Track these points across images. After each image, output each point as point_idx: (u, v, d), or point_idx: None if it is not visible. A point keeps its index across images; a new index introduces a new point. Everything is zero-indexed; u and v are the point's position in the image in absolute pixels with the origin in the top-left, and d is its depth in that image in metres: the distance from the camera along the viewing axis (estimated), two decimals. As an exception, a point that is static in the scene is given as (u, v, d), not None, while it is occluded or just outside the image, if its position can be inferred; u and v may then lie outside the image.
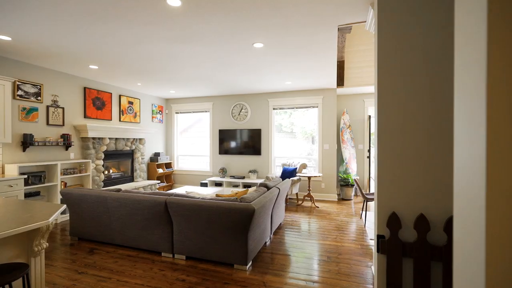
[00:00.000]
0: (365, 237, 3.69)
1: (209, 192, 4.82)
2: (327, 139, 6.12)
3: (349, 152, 6.26)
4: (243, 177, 6.48)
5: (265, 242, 3.46)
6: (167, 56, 3.86)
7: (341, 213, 4.94)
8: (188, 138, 7.55)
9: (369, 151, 6.21)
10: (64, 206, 2.02)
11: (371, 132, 6.43)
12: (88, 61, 4.12)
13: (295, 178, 5.48)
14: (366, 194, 4.36)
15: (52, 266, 2.83)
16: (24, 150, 4.14)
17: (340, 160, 6.55)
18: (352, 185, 6.03)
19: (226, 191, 6.28)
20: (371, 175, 6.38)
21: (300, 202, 5.81)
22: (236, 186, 6.49)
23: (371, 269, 2.77)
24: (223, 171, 6.73)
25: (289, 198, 6.21)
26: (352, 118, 6.64)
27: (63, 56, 3.90)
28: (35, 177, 4.09)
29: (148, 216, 3.03)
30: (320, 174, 5.40)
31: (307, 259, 3.03)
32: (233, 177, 6.51)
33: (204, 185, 6.54)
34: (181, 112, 7.47)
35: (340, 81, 5.72)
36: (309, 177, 5.43)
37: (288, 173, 5.82)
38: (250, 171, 6.45)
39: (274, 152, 6.58)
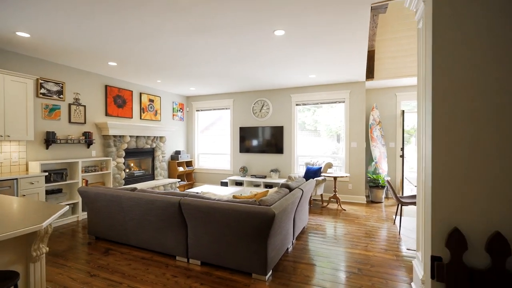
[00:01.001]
0: (400, 246, 3.26)
1: (226, 192, 4.60)
2: (354, 136, 5.66)
3: (379, 151, 5.75)
4: (265, 177, 6.20)
5: (287, 249, 3.16)
6: (185, 49, 3.68)
7: (371, 217, 4.50)
8: (209, 136, 7.42)
9: (402, 149, 5.66)
10: (66, 208, 1.88)
11: (405, 129, 5.86)
12: (107, 57, 4.07)
13: (319, 178, 5.11)
14: (401, 197, 3.90)
15: (66, 266, 2.76)
16: (47, 148, 4.19)
17: (369, 159, 6.05)
18: (383, 187, 5.52)
19: (246, 191, 6.06)
20: (404, 176, 5.82)
21: (325, 204, 5.43)
22: (257, 185, 6.23)
23: (411, 287, 2.37)
24: (244, 170, 6.51)
25: (313, 200, 5.84)
26: (382, 114, 6.11)
27: (82, 53, 3.86)
28: (57, 175, 4.12)
29: (162, 217, 2.86)
30: (347, 174, 4.98)
31: (334, 270, 2.69)
32: (254, 176, 6.26)
33: (224, 184, 6.36)
34: (201, 110, 7.35)
35: (370, 73, 5.24)
36: (335, 177, 5.04)
37: (312, 173, 5.46)
38: (272, 171, 6.16)
39: (297, 151, 6.23)
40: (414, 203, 3.59)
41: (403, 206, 4.81)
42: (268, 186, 5.98)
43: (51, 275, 2.59)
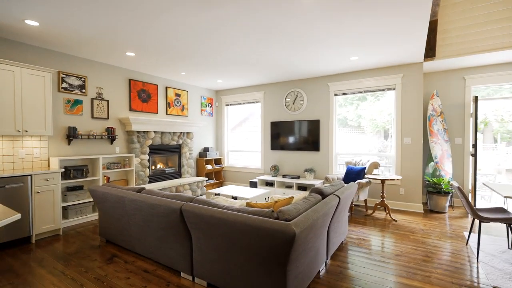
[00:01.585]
0: (480, 280, 2.34)
1: (251, 194, 4.03)
2: (408, 131, 4.64)
3: (440, 148, 4.64)
4: (298, 177, 5.50)
5: (318, 271, 2.47)
6: (204, 29, 3.20)
7: (432, 232, 3.53)
8: (240, 133, 6.94)
9: (474, 146, 4.47)
10: (18, 215, 1.49)
11: (478, 120, 4.63)
12: (124, 47, 3.79)
13: (363, 180, 4.25)
14: (478, 210, 2.91)
15: (63, 275, 2.46)
16: (69, 144, 4.09)
17: (428, 158, 4.95)
18: (446, 193, 4.42)
19: (278, 192, 5.44)
20: (482, 182, 4.61)
21: (370, 212, 4.54)
22: (289, 187, 5.57)
23: None
24: (275, 169, 5.89)
25: (355, 205, 4.97)
26: (445, 103, 4.95)
27: (96, 43, 3.63)
28: (77, 171, 3.99)
29: (163, 225, 2.41)
30: (399, 177, 4.04)
31: (384, 311, 1.94)
32: (286, 176, 5.60)
33: (253, 184, 5.82)
34: (231, 104, 6.91)
35: (431, 51, 4.20)
36: (382, 180, 4.13)
37: (353, 174, 4.61)
38: (306, 170, 5.43)
39: (336, 148, 5.40)
40: (500, 220, 2.60)
41: (481, 223, 3.72)
42: (302, 188, 5.27)
43: (45, 284, 2.31)
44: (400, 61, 4.44)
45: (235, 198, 3.94)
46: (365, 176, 4.36)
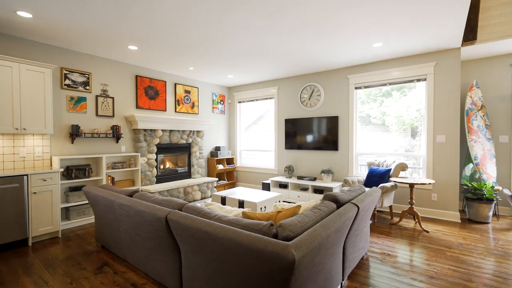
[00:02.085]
0: (546, 318, 1.79)
1: (261, 198, 3.65)
2: (441, 127, 4.03)
3: (481, 148, 3.99)
4: (314, 179, 5.05)
5: (332, 295, 2.05)
6: (207, 15, 2.88)
7: (473, 248, 2.96)
8: (254, 132, 6.58)
9: (525, 145, 3.78)
10: None
11: (529, 114, 3.92)
12: (125, 40, 3.58)
13: (387, 184, 3.73)
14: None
15: (46, 285, 2.25)
16: (72, 142, 3.96)
17: (465, 159, 4.30)
18: (490, 200, 3.77)
19: (292, 195, 5.02)
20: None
21: (396, 220, 3.99)
22: (304, 189, 5.13)
23: None
24: (289, 170, 5.47)
25: (378, 211, 4.43)
26: (487, 95, 4.26)
27: (97, 36, 3.44)
28: (79, 171, 3.85)
29: (151, 235, 2.11)
30: (431, 181, 3.48)
31: None
32: (301, 177, 5.16)
33: (265, 186, 5.45)
34: (244, 101, 6.57)
35: (471, 33, 3.59)
36: (411, 184, 3.59)
37: (376, 177, 4.09)
38: (323, 172, 4.96)
39: (357, 147, 4.88)
40: None
41: (531, 234, 3.08)
42: (318, 191, 4.81)
43: (24, 296, 2.10)
44: (433, 46, 3.85)
45: (241, 202, 3.59)
46: (390, 179, 3.83)
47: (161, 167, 5.26)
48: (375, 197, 2.57)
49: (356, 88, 4.82)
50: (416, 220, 3.82)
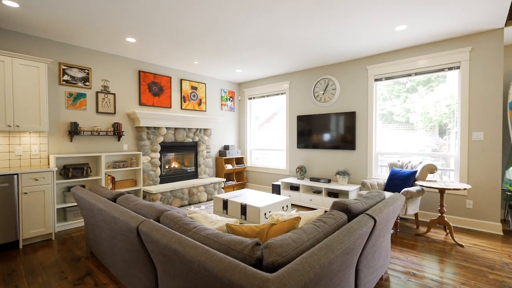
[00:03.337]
0: None
1: (266, 202, 3.28)
2: (479, 123, 3.45)
3: (530, 147, 3.36)
4: (329, 181, 4.60)
5: (341, 329, 1.65)
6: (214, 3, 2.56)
7: (523, 269, 2.41)
8: (267, 130, 6.22)
9: None
10: None
11: None
12: (122, 31, 3.35)
13: (413, 189, 3.23)
14: None
15: (17, 298, 2.03)
16: (71, 140, 3.81)
17: (508, 160, 3.67)
18: (540, 210, 3.15)
19: (304, 198, 4.60)
20: None
21: (422, 230, 3.47)
22: (317, 192, 4.69)
23: None
24: (302, 171, 5.05)
25: (401, 218, 3.91)
26: (536, 84, 3.61)
27: (91, 29, 3.24)
28: (77, 170, 3.68)
29: (127, 246, 1.82)
30: (467, 186, 2.94)
31: None
32: (315, 179, 4.73)
33: (275, 188, 5.07)
34: (254, 98, 6.22)
35: (517, 9, 3.00)
36: (441, 189, 3.06)
37: (400, 180, 3.58)
38: (339, 173, 4.50)
39: (377, 146, 4.37)
40: None
41: None
42: (332, 194, 4.36)
43: (-8, 310, 1.89)
44: (468, 28, 3.28)
45: (244, 206, 3.25)
46: (416, 182, 3.32)
47: (166, 166, 5.04)
48: (397, 205, 2.12)
49: (376, 80, 4.31)
50: (448, 231, 3.28)
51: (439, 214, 3.14)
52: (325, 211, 3.20)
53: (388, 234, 2.20)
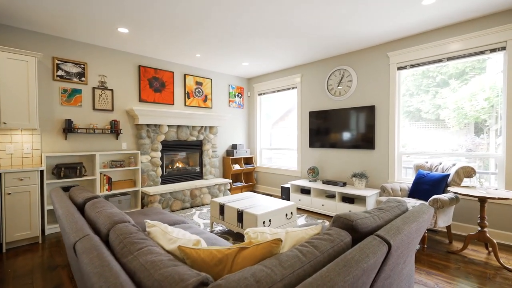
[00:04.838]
0: None
1: (268, 208, 2.85)
2: (531, 116, 2.78)
3: None
4: (344, 184, 4.08)
5: None
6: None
7: None
8: (280, 128, 5.79)
9: None
10: None
11: None
12: (112, 20, 3.11)
13: (444, 196, 2.66)
14: None
15: (-30, 315, 1.80)
16: (65, 138, 3.65)
17: None
18: None
19: (315, 203, 4.11)
20: None
21: (457, 247, 2.87)
22: (330, 196, 4.19)
23: None
24: (314, 172, 4.56)
25: (429, 230, 3.31)
26: None
27: (80, 18, 3.01)
28: (69, 169, 3.50)
29: (74, 262, 1.50)
30: (517, 195, 2.33)
31: None
32: (328, 182, 4.23)
33: (285, 192, 4.63)
34: (264, 93, 5.81)
35: None
36: (481, 198, 2.48)
37: (428, 184, 3.01)
38: (355, 175, 3.97)
39: (400, 145, 3.79)
40: None
41: None
42: (347, 199, 3.84)
43: None
44: (517, -2, 2.65)
45: (241, 212, 2.86)
46: (449, 188, 2.74)
47: (169, 166, 4.78)
48: (423, 221, 1.62)
49: (399, 68, 3.73)
50: (491, 249, 2.67)
51: (479, 229, 2.55)
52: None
53: (411, 257, 1.70)
